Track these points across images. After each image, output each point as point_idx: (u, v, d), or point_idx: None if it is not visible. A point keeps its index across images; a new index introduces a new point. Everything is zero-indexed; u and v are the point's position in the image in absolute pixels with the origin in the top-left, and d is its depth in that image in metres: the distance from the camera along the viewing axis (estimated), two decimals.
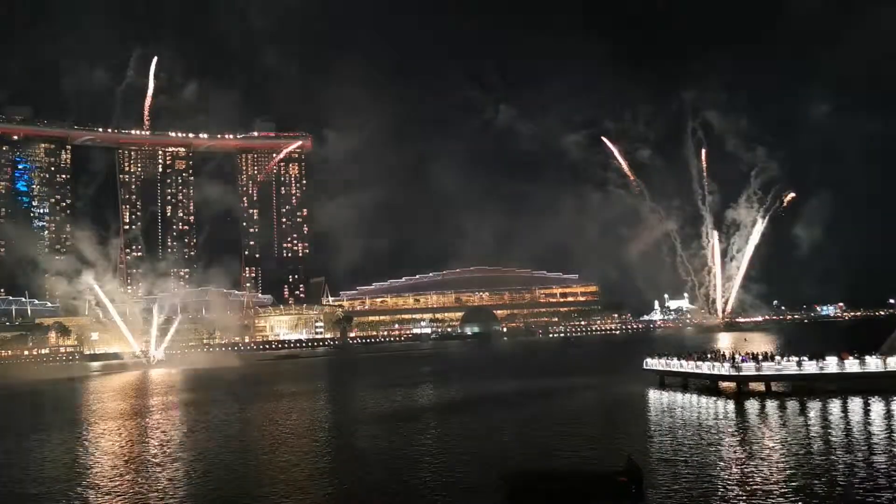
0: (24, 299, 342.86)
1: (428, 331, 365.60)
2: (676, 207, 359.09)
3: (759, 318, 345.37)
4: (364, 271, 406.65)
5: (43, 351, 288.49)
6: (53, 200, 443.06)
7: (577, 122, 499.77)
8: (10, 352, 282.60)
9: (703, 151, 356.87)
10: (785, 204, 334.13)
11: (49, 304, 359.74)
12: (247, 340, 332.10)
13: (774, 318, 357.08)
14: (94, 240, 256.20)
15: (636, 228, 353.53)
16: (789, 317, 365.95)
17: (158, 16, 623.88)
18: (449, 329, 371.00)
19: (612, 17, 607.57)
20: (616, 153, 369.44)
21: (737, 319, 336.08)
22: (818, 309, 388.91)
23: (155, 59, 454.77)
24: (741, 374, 64.93)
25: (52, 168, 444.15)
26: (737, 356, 69.08)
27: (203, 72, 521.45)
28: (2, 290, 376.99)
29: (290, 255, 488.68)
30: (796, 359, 65.30)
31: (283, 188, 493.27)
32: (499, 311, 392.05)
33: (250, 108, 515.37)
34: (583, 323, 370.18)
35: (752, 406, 57.92)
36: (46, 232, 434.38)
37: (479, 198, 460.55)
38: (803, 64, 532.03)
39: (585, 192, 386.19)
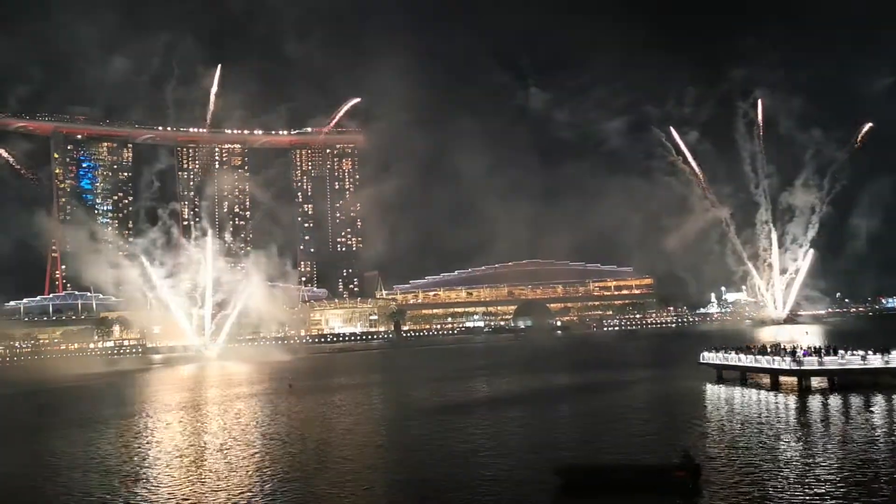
0: (89, 294, 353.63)
1: (481, 324, 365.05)
2: (728, 195, 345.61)
3: (822, 311, 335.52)
4: (417, 265, 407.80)
5: (108, 344, 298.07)
6: (116, 198, 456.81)
7: (617, 107, 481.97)
8: (76, 344, 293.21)
9: (758, 130, 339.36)
10: (860, 139, 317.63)
11: (113, 299, 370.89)
12: (302, 334, 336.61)
13: (838, 310, 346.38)
14: (155, 236, 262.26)
15: (688, 218, 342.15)
16: (853, 309, 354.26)
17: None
18: (502, 322, 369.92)
19: None
20: (681, 145, 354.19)
21: (798, 313, 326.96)
22: (883, 301, 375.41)
23: (219, 68, 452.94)
24: (802, 368, 63.21)
25: (115, 166, 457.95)
26: (798, 350, 67.36)
27: (222, 57, 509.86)
28: (68, 285, 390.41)
29: (343, 249, 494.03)
30: (861, 353, 63.34)
31: (336, 183, 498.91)
32: (552, 305, 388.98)
33: (271, 95, 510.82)
34: (638, 316, 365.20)
35: (814, 402, 56.46)
36: (110, 228, 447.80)
37: (522, 188, 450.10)
38: (864, 39, 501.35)
39: (632, 181, 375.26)
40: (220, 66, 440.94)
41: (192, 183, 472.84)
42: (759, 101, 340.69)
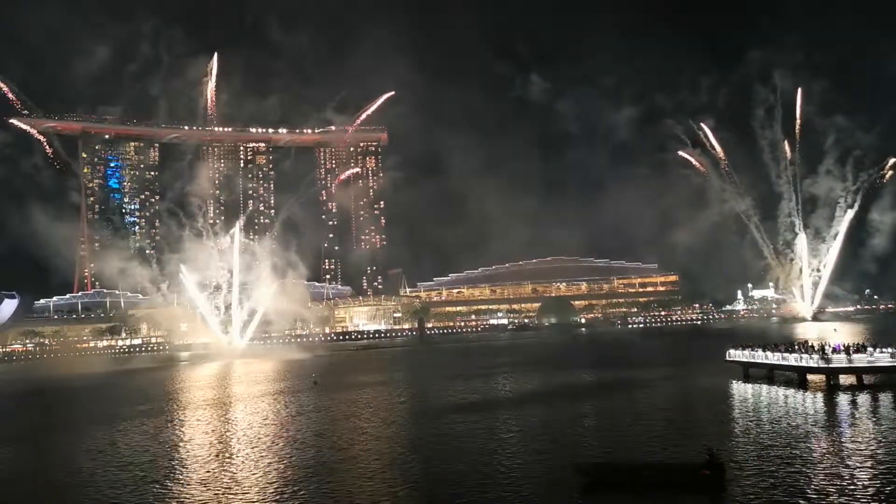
0: (117, 292, 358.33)
1: (504, 322, 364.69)
2: (749, 186, 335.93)
3: (851, 308, 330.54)
4: (441, 262, 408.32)
5: (135, 341, 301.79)
6: (143, 196, 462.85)
7: (627, 97, 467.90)
8: (104, 342, 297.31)
9: (778, 115, 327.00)
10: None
11: (140, 296, 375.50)
12: (327, 331, 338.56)
13: (866, 307, 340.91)
14: (181, 234, 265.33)
15: (707, 212, 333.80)
16: (882, 307, 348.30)
17: None
18: (526, 320, 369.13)
19: None
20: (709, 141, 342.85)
21: (825, 309, 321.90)
22: None
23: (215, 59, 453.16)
24: (831, 366, 62.31)
25: (142, 165, 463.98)
26: (826, 347, 66.43)
27: (208, 48, 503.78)
28: (97, 283, 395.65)
29: (367, 246, 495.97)
30: (890, 350, 62.31)
31: (360, 181, 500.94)
32: (576, 302, 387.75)
33: (260, 88, 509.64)
34: (663, 313, 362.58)
35: (842, 400, 55.63)
36: (137, 227, 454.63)
37: (542, 184, 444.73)
38: (889, 16, 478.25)
39: (650, 175, 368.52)
40: (215, 57, 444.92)
41: (217, 181, 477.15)
42: (779, 86, 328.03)
